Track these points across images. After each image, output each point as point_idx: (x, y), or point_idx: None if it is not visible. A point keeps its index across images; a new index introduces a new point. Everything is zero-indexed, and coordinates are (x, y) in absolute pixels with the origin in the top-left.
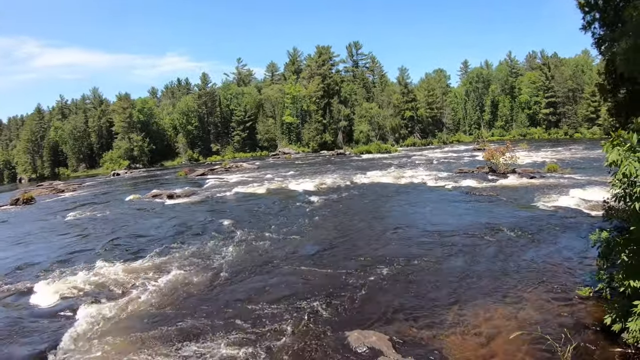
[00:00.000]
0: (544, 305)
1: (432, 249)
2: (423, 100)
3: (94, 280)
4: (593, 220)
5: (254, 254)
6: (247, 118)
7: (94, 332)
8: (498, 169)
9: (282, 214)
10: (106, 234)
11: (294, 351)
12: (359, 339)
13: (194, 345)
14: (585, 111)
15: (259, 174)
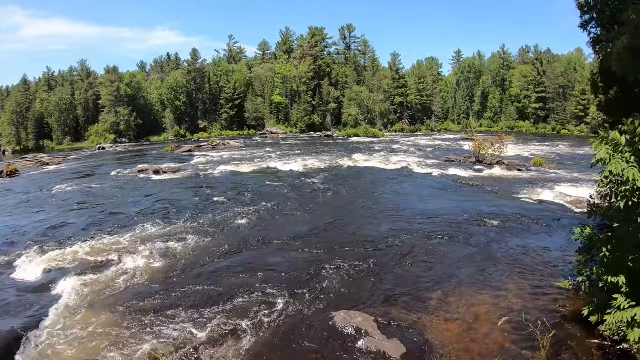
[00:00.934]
0: (525, 295)
1: (418, 235)
2: (413, 87)
3: (78, 255)
4: (575, 215)
5: (240, 233)
6: (236, 96)
7: (78, 308)
8: (485, 160)
9: (268, 194)
10: (90, 209)
11: (280, 330)
12: (345, 319)
13: (180, 321)
14: (575, 109)
15: (245, 153)
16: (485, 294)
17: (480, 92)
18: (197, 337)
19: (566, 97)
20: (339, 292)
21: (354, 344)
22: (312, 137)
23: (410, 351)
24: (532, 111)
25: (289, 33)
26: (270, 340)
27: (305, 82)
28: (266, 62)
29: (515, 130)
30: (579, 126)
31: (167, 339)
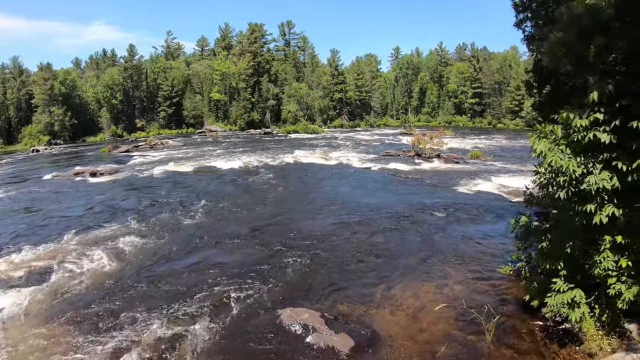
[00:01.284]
0: (467, 282)
1: (361, 229)
2: (352, 83)
3: (14, 264)
4: (512, 204)
5: (185, 234)
6: (174, 93)
7: (13, 320)
8: (424, 154)
9: (210, 194)
10: (26, 215)
11: (228, 332)
12: (291, 316)
13: (124, 327)
14: (510, 103)
15: (185, 152)
16: (430, 284)
17: (418, 88)
18: (141, 342)
19: (501, 92)
20: (285, 288)
21: (302, 340)
22: (251, 134)
23: (358, 344)
24: (469, 106)
25: (228, 29)
26: (218, 342)
27: (245, 78)
28: (204, 59)
29: (453, 124)
30: (514, 120)
31: (111, 346)
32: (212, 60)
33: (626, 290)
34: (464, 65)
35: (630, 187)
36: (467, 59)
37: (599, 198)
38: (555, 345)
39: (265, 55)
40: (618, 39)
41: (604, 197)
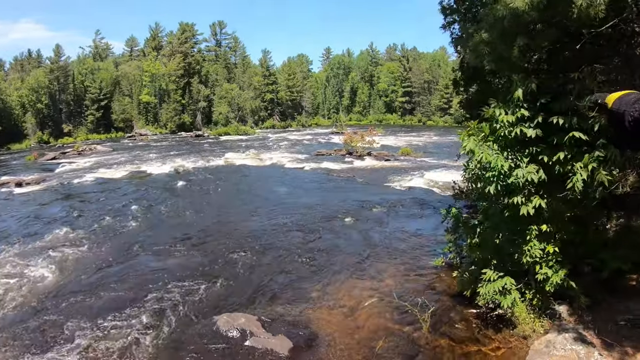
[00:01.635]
0: (401, 276)
1: (294, 229)
2: (284, 83)
3: None
4: (442, 198)
5: (114, 243)
6: (102, 96)
7: None
8: (355, 152)
9: (141, 200)
10: None
11: (163, 344)
12: (227, 322)
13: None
14: (439, 101)
15: (115, 157)
16: (365, 280)
17: (349, 88)
18: None
19: (431, 91)
20: (220, 294)
21: (240, 346)
22: (182, 137)
23: (297, 345)
24: (399, 104)
25: (159, 28)
26: (153, 355)
27: (175, 80)
28: (134, 59)
29: (384, 122)
30: (443, 117)
31: None
32: (142, 61)
33: (553, 275)
34: (394, 65)
35: (554, 179)
36: (397, 59)
37: (526, 191)
38: (491, 330)
39: (196, 55)
40: (540, 40)
41: (531, 190)
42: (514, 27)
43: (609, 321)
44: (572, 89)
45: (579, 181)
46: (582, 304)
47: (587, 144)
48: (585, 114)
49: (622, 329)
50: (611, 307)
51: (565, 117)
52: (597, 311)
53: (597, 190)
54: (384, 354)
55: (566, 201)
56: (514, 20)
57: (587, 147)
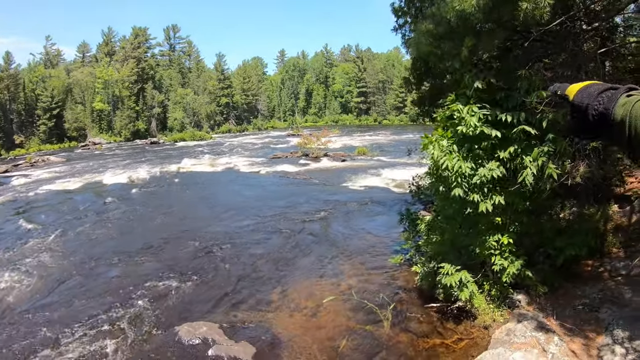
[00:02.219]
0: (361, 275)
1: (251, 234)
2: (239, 87)
3: None
4: (400, 196)
5: (71, 256)
6: (54, 105)
7: None
8: (311, 154)
9: (97, 211)
10: None
11: (122, 356)
12: (189, 331)
13: None
14: (394, 100)
15: (69, 168)
16: (325, 281)
17: (304, 90)
18: None
19: (386, 90)
20: (181, 304)
21: (203, 355)
22: (137, 145)
23: (260, 350)
24: (355, 105)
25: (111, 33)
26: None
27: (128, 86)
28: (86, 66)
29: (340, 123)
30: (399, 116)
31: None
32: (94, 68)
33: (509, 266)
34: (349, 66)
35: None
36: (351, 59)
37: (485, 188)
38: (452, 323)
39: (150, 60)
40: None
41: (490, 187)
42: (461, 28)
43: (566, 306)
44: (521, 86)
45: (529, 175)
46: (539, 292)
47: (537, 138)
48: (533, 109)
49: (580, 313)
50: (568, 293)
51: (513, 114)
52: (554, 298)
53: (547, 182)
54: (347, 353)
55: (519, 194)
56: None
57: (536, 142)
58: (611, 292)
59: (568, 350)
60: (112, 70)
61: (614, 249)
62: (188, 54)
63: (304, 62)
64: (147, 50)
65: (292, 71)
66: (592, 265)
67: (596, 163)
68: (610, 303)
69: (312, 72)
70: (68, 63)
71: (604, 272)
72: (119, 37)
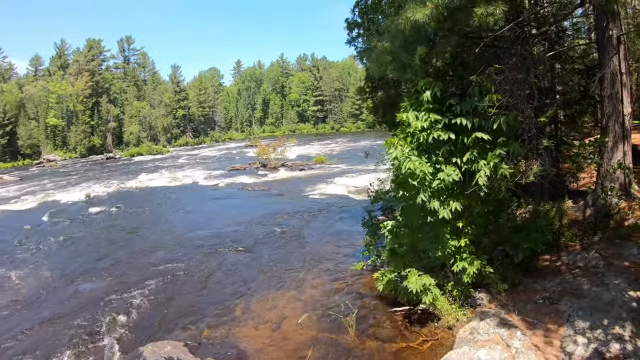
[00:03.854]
0: (324, 284)
1: (211, 249)
2: (195, 99)
3: None
4: (358, 202)
5: (25, 279)
6: (6, 121)
7: None
8: (269, 164)
9: (52, 231)
10: None
11: None
12: (153, 351)
13: None
14: (350, 108)
15: (22, 187)
16: (288, 292)
17: (261, 100)
18: None
19: (342, 98)
20: (143, 324)
21: None
22: (93, 160)
23: None
24: (312, 113)
25: (65, 46)
26: None
27: (83, 100)
28: (39, 80)
29: (297, 132)
30: (356, 123)
31: None
32: (48, 82)
33: (469, 266)
34: (305, 75)
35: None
36: (307, 69)
37: (445, 195)
38: (416, 326)
39: (105, 73)
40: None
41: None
42: (414, 38)
43: (527, 301)
44: (473, 90)
45: (483, 177)
46: (500, 289)
47: (490, 142)
48: (485, 113)
49: (541, 307)
50: (528, 288)
51: (468, 118)
52: (515, 294)
53: (501, 183)
54: None
55: (476, 197)
56: (414, 32)
57: (490, 145)
58: (569, 285)
59: (531, 344)
60: (65, 84)
61: (570, 243)
62: (143, 66)
63: (260, 72)
64: (102, 63)
65: (249, 81)
66: (550, 259)
67: (549, 161)
68: (570, 295)
69: (269, 81)
70: (20, 77)
71: (561, 266)
72: (73, 50)
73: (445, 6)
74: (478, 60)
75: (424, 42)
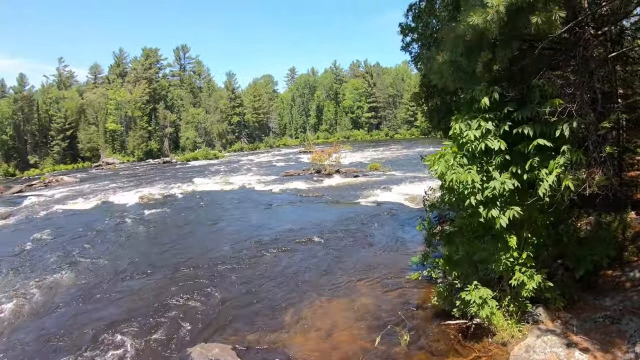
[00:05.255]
0: (377, 293)
1: (265, 253)
2: (250, 105)
3: None
4: (413, 211)
5: (82, 277)
6: (67, 125)
7: None
8: (324, 170)
9: (110, 230)
10: None
11: None
12: (202, 353)
13: None
14: (405, 114)
15: (81, 188)
16: (339, 300)
17: (315, 106)
18: None
19: (396, 105)
20: (193, 325)
21: None
22: (150, 164)
23: None
24: (365, 120)
25: (123, 55)
26: None
27: (140, 106)
28: (98, 87)
29: (351, 139)
30: (410, 130)
31: None
32: (107, 89)
33: (528, 280)
34: (358, 82)
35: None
36: (361, 75)
37: (499, 201)
38: (469, 341)
39: (161, 81)
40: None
41: (505, 200)
42: (476, 43)
43: (587, 319)
44: (534, 95)
45: (545, 187)
46: (559, 306)
47: (552, 149)
48: (547, 119)
49: (601, 326)
50: (588, 305)
51: (530, 126)
52: (574, 311)
53: (564, 194)
54: None
55: (536, 207)
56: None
57: (551, 153)
58: (632, 303)
59: None
60: (124, 91)
61: (633, 258)
62: (198, 74)
63: (314, 79)
64: (158, 70)
65: (303, 88)
66: (611, 275)
67: (613, 170)
68: (632, 314)
69: (322, 88)
70: (81, 84)
71: (624, 282)
72: (130, 58)
73: (506, 11)
74: (536, 63)
75: (487, 47)
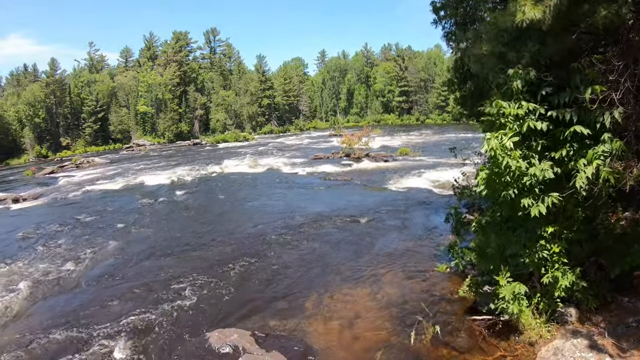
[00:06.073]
0: (401, 283)
1: (289, 237)
2: (280, 88)
3: None
4: (442, 198)
5: (108, 256)
6: (99, 108)
7: None
8: (353, 154)
9: (138, 212)
10: None
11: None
12: (220, 338)
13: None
14: (436, 99)
15: (112, 169)
16: (362, 289)
17: (345, 90)
18: None
19: (427, 89)
20: (213, 309)
21: None
22: (180, 146)
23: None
24: (397, 104)
25: (153, 38)
26: None
27: (171, 89)
28: (129, 70)
29: (382, 123)
30: (441, 115)
31: None
32: (137, 72)
33: (562, 278)
34: (389, 65)
35: (559, 176)
36: (392, 58)
37: (537, 189)
38: (495, 338)
39: (191, 64)
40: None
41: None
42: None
43: (619, 323)
44: (572, 81)
45: (582, 178)
46: (591, 306)
47: (591, 137)
48: (587, 106)
49: (634, 331)
50: (621, 308)
51: (569, 111)
52: (606, 312)
53: (602, 187)
54: None
55: (572, 199)
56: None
57: (590, 141)
58: None
59: None
60: (155, 74)
61: None
62: (228, 56)
63: (344, 62)
64: (189, 53)
65: (333, 71)
66: None
67: None
68: None
69: (353, 71)
70: (111, 68)
71: None
72: (161, 42)
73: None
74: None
75: (537, 39)
